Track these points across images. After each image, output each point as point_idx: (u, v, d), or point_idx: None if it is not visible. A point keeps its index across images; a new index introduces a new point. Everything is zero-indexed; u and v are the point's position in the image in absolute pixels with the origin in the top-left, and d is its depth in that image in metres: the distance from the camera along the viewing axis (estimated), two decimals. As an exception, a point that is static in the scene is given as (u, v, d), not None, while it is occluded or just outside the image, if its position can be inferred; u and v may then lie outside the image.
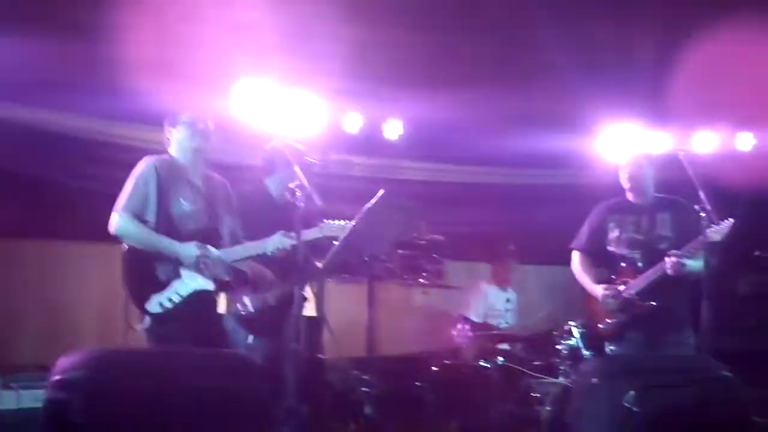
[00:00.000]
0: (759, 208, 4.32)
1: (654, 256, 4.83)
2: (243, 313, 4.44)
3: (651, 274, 4.80)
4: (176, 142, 4.18)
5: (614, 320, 4.96)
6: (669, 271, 4.69)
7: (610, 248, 5.06)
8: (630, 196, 5.09)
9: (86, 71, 5.52)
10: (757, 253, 4.33)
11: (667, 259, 4.69)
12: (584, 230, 5.23)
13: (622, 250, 5.00)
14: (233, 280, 4.23)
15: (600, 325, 5.06)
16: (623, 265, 4.98)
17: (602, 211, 5.17)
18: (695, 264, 4.66)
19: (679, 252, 4.66)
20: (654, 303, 4.79)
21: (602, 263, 5.15)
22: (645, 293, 4.84)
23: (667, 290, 4.77)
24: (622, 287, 4.93)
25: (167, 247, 3.96)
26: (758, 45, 5.41)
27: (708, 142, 7.04)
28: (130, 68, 5.31)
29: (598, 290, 5.03)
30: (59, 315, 6.13)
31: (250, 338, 4.50)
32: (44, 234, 6.09)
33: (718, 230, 4.50)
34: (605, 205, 5.18)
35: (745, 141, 7.16)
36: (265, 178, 4.89)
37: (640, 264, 4.91)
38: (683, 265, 4.65)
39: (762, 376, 4.67)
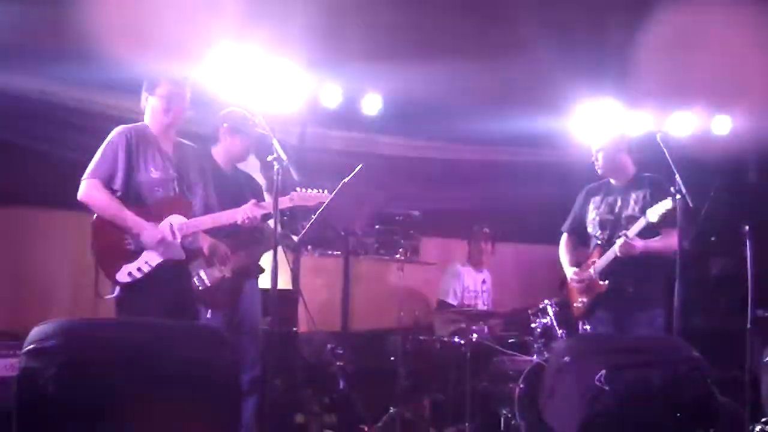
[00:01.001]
0: (731, 191, 4.35)
1: (618, 237, 4.87)
2: (200, 287, 4.42)
3: (609, 255, 4.87)
4: (150, 112, 4.14)
5: (584, 300, 5.05)
6: (618, 253, 4.75)
7: (589, 229, 5.14)
8: (611, 178, 5.13)
9: (57, 37, 5.45)
10: (713, 239, 4.38)
11: (617, 240, 4.76)
12: (571, 212, 5.33)
13: (595, 231, 5.08)
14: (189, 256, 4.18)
15: (574, 305, 5.17)
16: (595, 245, 5.07)
17: (585, 192, 5.25)
18: (659, 244, 4.71)
19: (627, 233, 4.72)
20: (608, 282, 4.87)
21: (585, 244, 5.25)
22: (605, 273, 4.91)
23: (632, 270, 4.82)
24: (591, 269, 5.01)
25: (131, 225, 3.93)
26: (735, 26, 5.43)
27: (685, 124, 7.07)
28: (101, 34, 5.23)
29: (569, 272, 5.16)
30: (30, 283, 6.09)
31: (209, 313, 4.48)
32: (15, 201, 6.03)
33: (655, 210, 4.56)
34: (588, 187, 5.25)
35: (722, 124, 7.20)
36: (211, 148, 4.84)
37: (606, 245, 4.96)
38: (633, 246, 4.71)
39: (732, 355, 4.74)
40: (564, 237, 5.34)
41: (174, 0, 5.26)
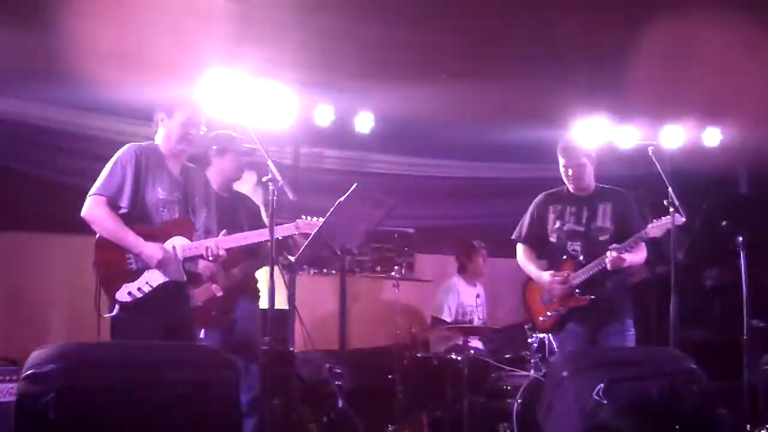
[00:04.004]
0: (723, 204, 4.38)
1: (594, 249, 4.78)
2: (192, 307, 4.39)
3: (592, 267, 4.76)
4: (164, 134, 4.13)
5: (553, 313, 4.91)
6: (609, 266, 4.67)
7: (551, 239, 4.97)
8: (570, 187, 4.97)
9: (51, 61, 5.46)
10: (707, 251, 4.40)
11: (608, 253, 4.66)
12: (525, 221, 5.11)
13: (563, 242, 4.91)
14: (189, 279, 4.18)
15: (540, 318, 5.01)
16: (564, 257, 4.90)
17: (542, 201, 5.06)
18: (636, 257, 4.71)
19: (619, 246, 4.66)
20: (593, 297, 4.76)
21: (544, 255, 5.07)
22: (585, 286, 4.78)
23: (606, 282, 4.76)
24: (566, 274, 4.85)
25: (132, 244, 3.92)
26: (726, 40, 5.48)
27: (675, 137, 7.11)
28: (94, 58, 5.25)
29: (545, 276, 4.91)
30: (26, 308, 6.08)
31: (202, 332, 4.47)
32: (8, 226, 6.02)
33: (658, 226, 4.54)
34: (545, 195, 5.06)
35: (712, 136, 7.25)
36: (204, 170, 4.85)
37: (581, 257, 4.83)
38: (623, 260, 4.66)
39: (728, 366, 4.75)
40: (521, 247, 5.09)
41: (166, 23, 5.29)
